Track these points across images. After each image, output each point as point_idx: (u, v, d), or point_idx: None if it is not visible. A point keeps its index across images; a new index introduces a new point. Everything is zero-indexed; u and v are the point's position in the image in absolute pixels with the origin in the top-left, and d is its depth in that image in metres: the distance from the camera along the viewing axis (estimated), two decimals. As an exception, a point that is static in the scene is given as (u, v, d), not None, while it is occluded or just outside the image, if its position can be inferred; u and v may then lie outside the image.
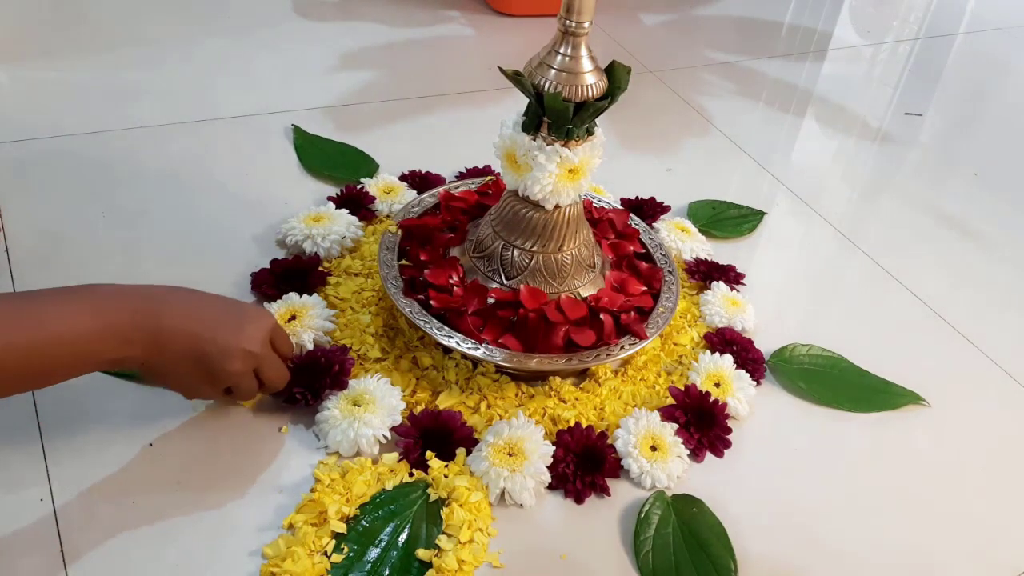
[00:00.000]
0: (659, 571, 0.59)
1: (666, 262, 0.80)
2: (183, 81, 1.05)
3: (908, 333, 0.87)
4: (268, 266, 0.77)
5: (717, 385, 0.72)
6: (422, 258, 0.74)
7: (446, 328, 0.68)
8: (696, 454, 0.68)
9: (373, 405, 0.64)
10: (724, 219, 0.96)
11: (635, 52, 1.33)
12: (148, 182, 0.87)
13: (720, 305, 0.81)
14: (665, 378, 0.74)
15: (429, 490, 0.61)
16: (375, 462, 0.62)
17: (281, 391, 0.65)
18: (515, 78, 0.65)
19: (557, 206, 0.69)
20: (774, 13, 1.58)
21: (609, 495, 0.64)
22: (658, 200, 0.95)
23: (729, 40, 1.45)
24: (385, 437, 0.64)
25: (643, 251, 0.82)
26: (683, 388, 0.71)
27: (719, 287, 0.84)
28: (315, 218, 0.81)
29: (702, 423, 0.69)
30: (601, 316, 0.70)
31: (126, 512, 0.57)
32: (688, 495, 0.64)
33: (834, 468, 0.70)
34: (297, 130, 0.98)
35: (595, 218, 0.82)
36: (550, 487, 0.64)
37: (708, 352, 0.76)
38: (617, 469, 0.66)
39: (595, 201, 0.86)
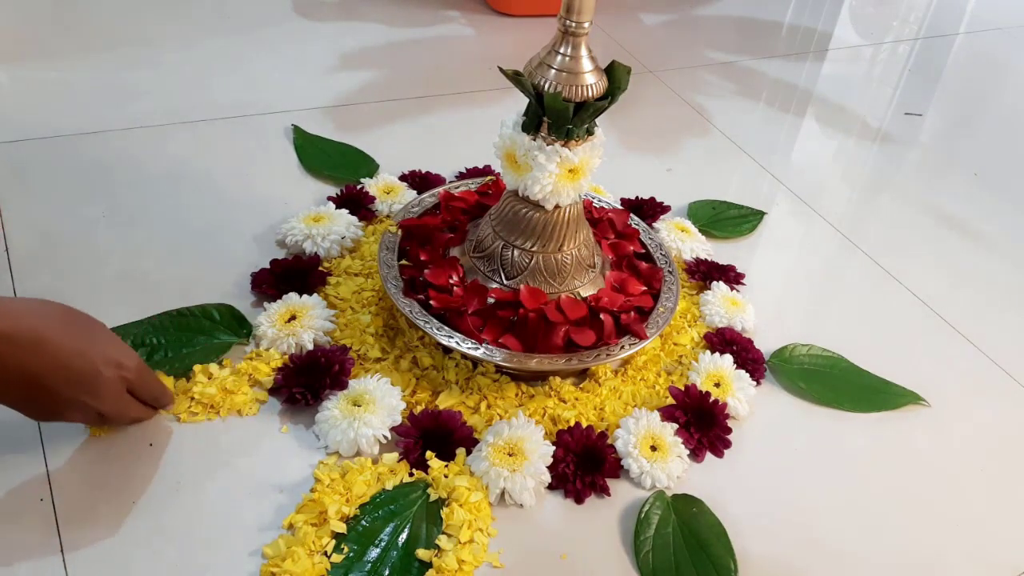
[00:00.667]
0: (659, 571, 0.59)
1: (666, 262, 0.80)
2: (183, 81, 1.05)
3: (908, 333, 0.87)
4: (268, 266, 0.77)
5: (717, 385, 0.72)
6: (422, 258, 0.74)
7: (446, 328, 0.68)
8: (696, 454, 0.68)
9: (373, 405, 0.64)
10: (724, 219, 0.96)
11: (635, 52, 1.33)
12: (148, 182, 0.87)
13: (720, 305, 0.81)
14: (665, 378, 0.74)
15: (429, 490, 0.61)
16: (375, 462, 0.62)
17: (282, 391, 0.65)
18: (515, 78, 0.65)
19: (557, 206, 0.69)
20: (774, 13, 1.58)
21: (609, 495, 0.64)
22: (658, 200, 0.95)
23: (729, 40, 1.45)
24: (385, 437, 0.64)
25: (643, 251, 0.82)
26: (683, 388, 0.71)
27: (719, 287, 0.84)
28: (315, 218, 0.81)
29: (702, 423, 0.69)
30: (601, 316, 0.70)
31: (126, 512, 0.57)
32: (688, 495, 0.64)
33: (834, 468, 0.70)
34: (297, 130, 0.98)
35: (595, 218, 0.82)
36: (550, 487, 0.64)
37: (708, 352, 0.76)
38: (617, 469, 0.66)
39: (595, 201, 0.86)
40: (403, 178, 0.92)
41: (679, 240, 0.89)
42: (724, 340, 0.78)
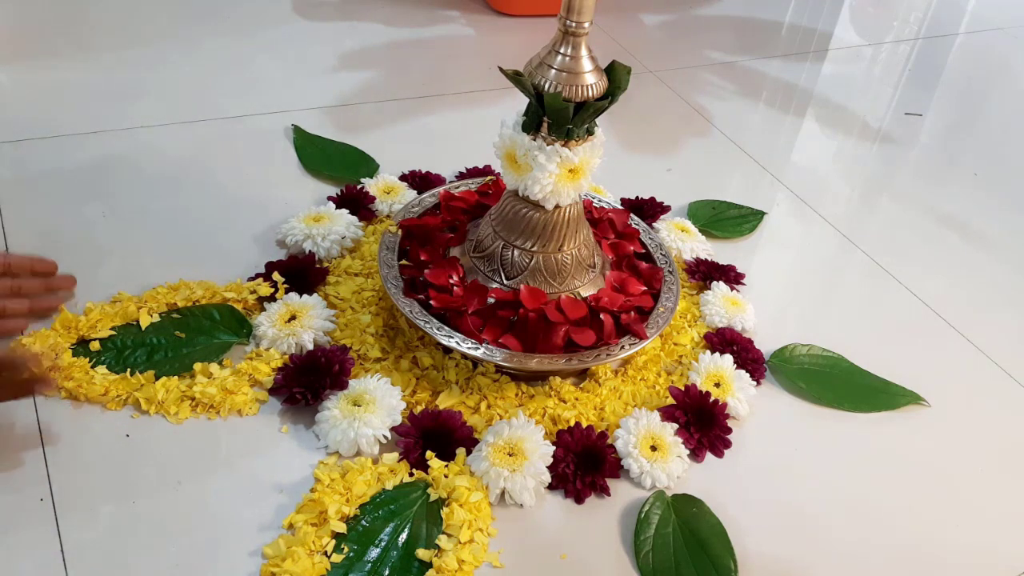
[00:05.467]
0: (659, 571, 0.59)
1: (666, 262, 0.80)
2: (183, 81, 1.05)
3: (908, 333, 0.87)
4: (265, 267, 0.77)
5: (717, 385, 0.72)
6: (422, 258, 0.74)
7: (446, 328, 0.68)
8: (696, 454, 0.68)
9: (373, 405, 0.64)
10: (724, 219, 0.96)
11: (635, 52, 1.33)
12: (148, 182, 0.87)
13: (720, 305, 0.81)
14: (665, 378, 0.74)
15: (429, 490, 0.61)
16: (375, 462, 0.62)
17: (282, 391, 0.65)
18: (515, 78, 0.65)
19: (557, 206, 0.69)
20: (774, 13, 1.58)
21: (609, 495, 0.64)
22: (658, 200, 0.95)
23: (729, 40, 1.45)
24: (385, 437, 0.64)
25: (643, 251, 0.82)
26: (683, 388, 0.71)
27: (719, 287, 0.84)
28: (315, 218, 0.81)
29: (702, 423, 0.69)
30: (601, 316, 0.70)
31: (126, 512, 0.57)
32: (688, 495, 0.64)
33: (834, 468, 0.70)
34: (297, 130, 0.98)
35: (595, 218, 0.82)
36: (550, 487, 0.64)
37: (708, 352, 0.76)
38: (617, 469, 0.66)
39: (595, 201, 0.86)
40: (403, 178, 0.92)
41: (679, 240, 0.89)
42: (724, 340, 0.78)
